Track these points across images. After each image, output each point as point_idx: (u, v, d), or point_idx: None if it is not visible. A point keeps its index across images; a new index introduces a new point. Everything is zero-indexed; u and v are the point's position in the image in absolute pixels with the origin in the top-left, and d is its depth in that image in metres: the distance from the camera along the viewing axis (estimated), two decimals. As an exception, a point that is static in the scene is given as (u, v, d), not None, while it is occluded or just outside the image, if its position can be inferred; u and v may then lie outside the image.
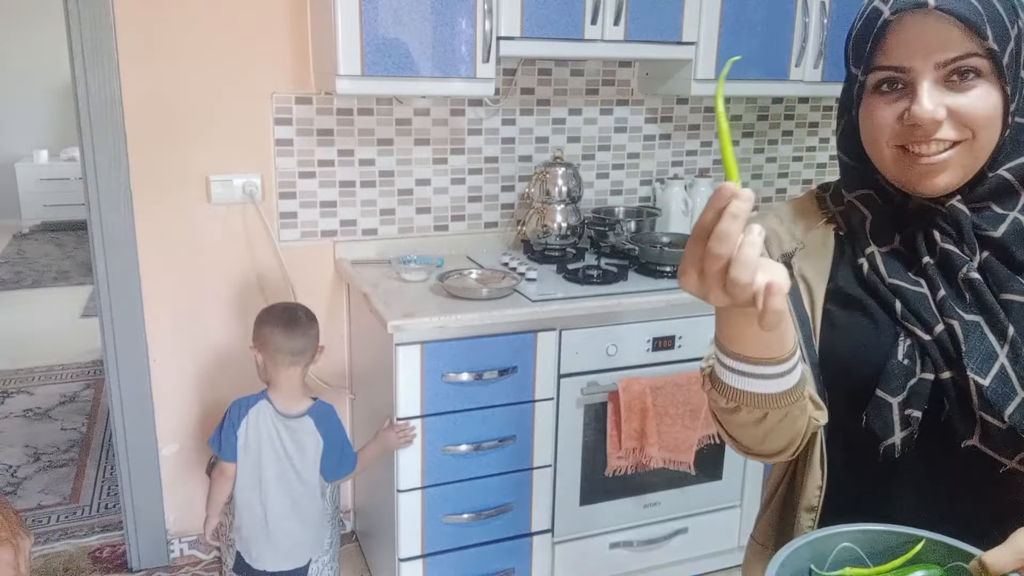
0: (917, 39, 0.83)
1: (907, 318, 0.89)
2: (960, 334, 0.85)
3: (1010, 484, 0.87)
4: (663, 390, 2.17)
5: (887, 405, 0.88)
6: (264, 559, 1.97)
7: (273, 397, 1.93)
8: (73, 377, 4.04)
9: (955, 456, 0.88)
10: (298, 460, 1.94)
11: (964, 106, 0.83)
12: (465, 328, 2.01)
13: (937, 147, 0.85)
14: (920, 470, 0.91)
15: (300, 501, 1.96)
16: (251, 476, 1.93)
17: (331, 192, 2.42)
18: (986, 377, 0.84)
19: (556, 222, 2.44)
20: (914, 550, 0.82)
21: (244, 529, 1.97)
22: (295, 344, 1.90)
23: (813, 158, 3.04)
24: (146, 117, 2.21)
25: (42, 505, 2.89)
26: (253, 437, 1.92)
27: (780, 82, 2.46)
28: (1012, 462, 0.86)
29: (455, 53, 2.08)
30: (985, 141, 0.85)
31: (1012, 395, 0.83)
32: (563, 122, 2.63)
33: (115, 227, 2.24)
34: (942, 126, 0.84)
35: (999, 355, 0.84)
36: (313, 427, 1.94)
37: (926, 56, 0.83)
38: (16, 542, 1.03)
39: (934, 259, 0.89)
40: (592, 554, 2.32)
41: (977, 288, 0.86)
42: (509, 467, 2.15)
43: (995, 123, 0.84)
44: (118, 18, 2.13)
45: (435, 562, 2.14)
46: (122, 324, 2.31)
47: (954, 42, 0.81)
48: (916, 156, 0.86)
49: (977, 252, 0.88)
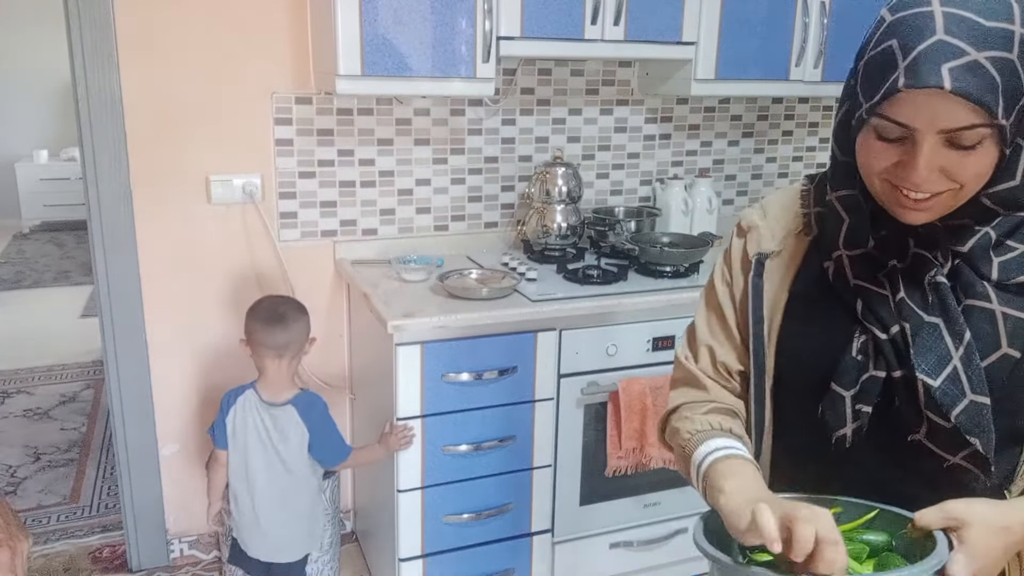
0: (927, 106, 0.81)
1: (866, 317, 0.93)
2: (911, 335, 0.89)
3: (955, 477, 0.91)
4: (663, 390, 2.16)
5: (840, 398, 0.93)
6: (256, 548, 2.02)
7: (260, 387, 2.00)
8: (73, 377, 4.04)
9: (904, 449, 0.93)
10: (283, 449, 1.98)
11: (959, 166, 0.83)
12: (465, 328, 2.01)
13: (923, 195, 0.86)
14: (871, 460, 0.96)
15: (288, 491, 2.00)
16: (239, 464, 1.99)
17: (331, 192, 2.42)
18: (937, 378, 0.87)
19: (556, 222, 2.44)
20: (868, 516, 0.88)
21: (237, 517, 2.02)
22: (276, 339, 1.95)
23: (813, 158, 3.04)
24: (146, 117, 2.21)
25: (42, 505, 2.89)
26: (240, 425, 1.98)
27: (780, 82, 2.46)
28: (956, 458, 0.89)
29: (455, 53, 2.08)
30: (973, 189, 0.86)
31: (961, 397, 0.87)
32: (563, 122, 2.63)
33: (115, 227, 2.24)
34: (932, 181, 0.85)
35: (953, 357, 0.87)
36: (297, 416, 1.98)
37: (930, 124, 0.82)
38: (13, 544, 1.02)
39: (904, 263, 0.92)
40: (592, 554, 2.32)
41: (942, 292, 0.89)
42: (509, 467, 2.15)
43: (986, 176, 0.85)
44: (118, 18, 2.13)
45: (435, 562, 2.14)
46: (122, 324, 2.31)
47: (963, 115, 0.81)
48: (903, 194, 0.87)
49: (949, 259, 0.91)
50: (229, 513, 2.07)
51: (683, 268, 2.33)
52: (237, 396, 2.00)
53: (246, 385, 2.02)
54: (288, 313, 1.99)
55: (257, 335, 1.96)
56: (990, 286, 0.89)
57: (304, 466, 2.01)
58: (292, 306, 2.03)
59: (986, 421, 0.86)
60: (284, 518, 2.01)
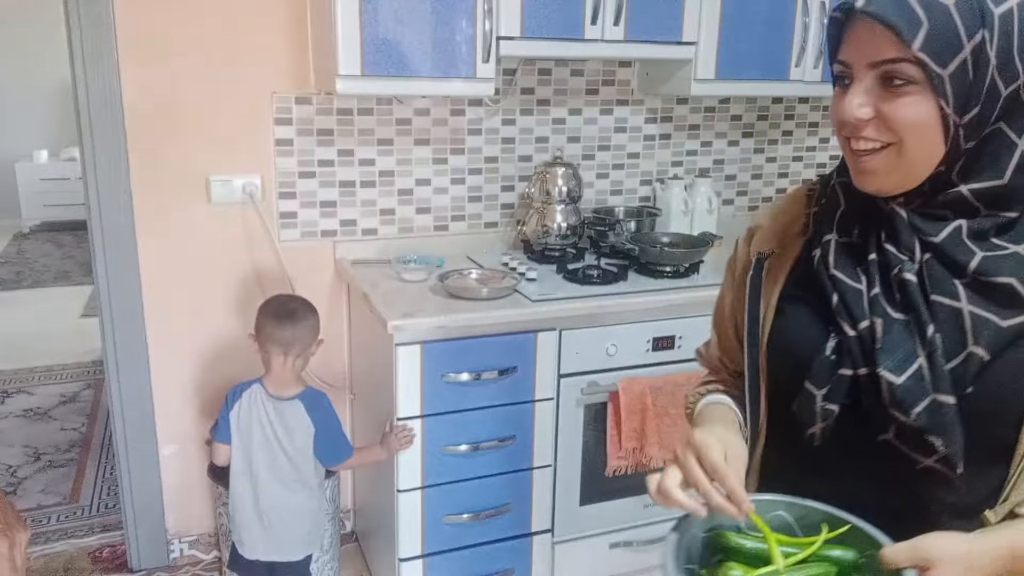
0: (856, 39, 0.86)
1: (839, 312, 0.91)
2: (880, 332, 0.88)
3: (929, 485, 0.89)
4: (663, 390, 2.17)
5: (812, 396, 0.92)
6: (256, 546, 2.02)
7: (266, 382, 2.01)
8: (73, 377, 4.04)
9: (874, 450, 0.91)
10: (287, 444, 1.99)
11: (891, 110, 0.84)
12: (465, 328, 2.01)
13: (866, 145, 0.87)
14: (840, 460, 0.95)
15: (291, 487, 2.01)
16: (243, 460, 2.00)
17: (331, 192, 2.42)
18: (901, 375, 0.86)
19: (556, 222, 2.44)
20: (840, 530, 0.86)
21: (237, 515, 2.02)
22: (284, 334, 1.97)
23: (813, 158, 3.04)
24: (146, 117, 2.21)
25: (42, 505, 2.89)
26: (244, 419, 1.99)
27: (780, 82, 2.46)
28: (927, 461, 0.87)
29: (455, 53, 2.08)
30: (915, 149, 0.85)
31: (923, 395, 0.85)
32: (563, 122, 2.63)
33: (115, 227, 2.24)
34: (868, 127, 0.86)
35: (919, 355, 0.86)
36: (303, 411, 1.99)
37: (860, 56, 0.85)
38: (12, 535, 1.02)
39: (880, 257, 0.91)
40: (592, 554, 2.32)
41: (908, 288, 0.88)
42: (509, 467, 2.15)
43: (927, 133, 0.84)
44: (118, 18, 2.13)
45: (435, 562, 2.14)
46: (122, 324, 2.31)
47: (885, 46, 0.83)
48: (852, 150, 0.89)
49: (917, 253, 0.89)
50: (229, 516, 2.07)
51: (683, 268, 2.33)
52: (243, 390, 2.02)
53: (253, 380, 2.03)
54: (298, 311, 2.02)
55: (266, 330, 1.99)
56: (961, 284, 0.86)
57: (308, 462, 2.01)
58: (302, 304, 2.06)
59: (949, 421, 0.84)
60: (286, 515, 2.01)
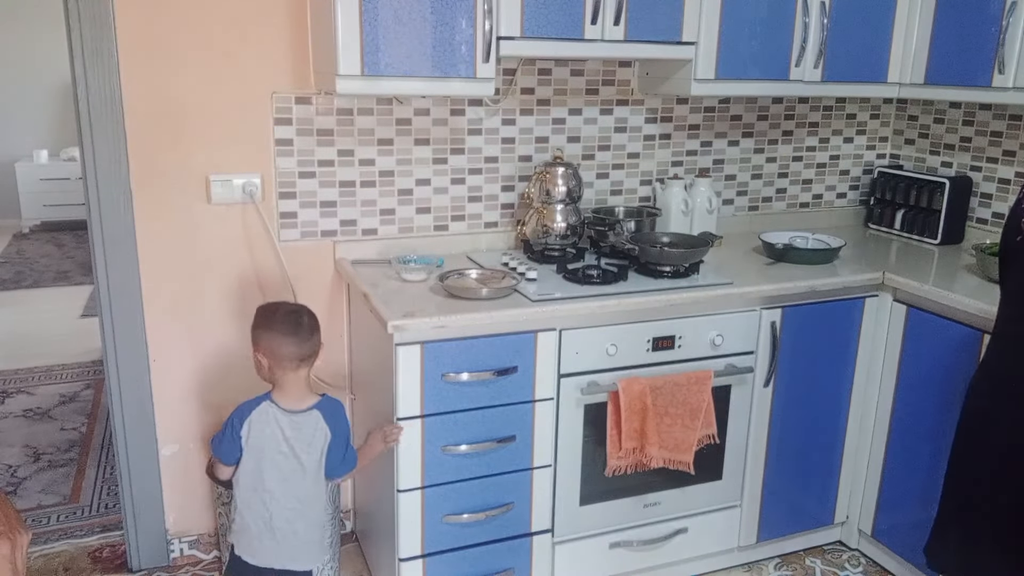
0: None
1: None
2: None
3: None
4: (663, 390, 2.17)
5: None
6: (266, 555, 1.95)
7: (278, 398, 1.92)
8: (73, 377, 4.04)
9: None
10: (305, 457, 1.91)
11: None
12: (465, 328, 2.01)
13: None
14: None
15: (306, 500, 1.93)
16: (254, 478, 1.92)
17: (331, 192, 2.42)
18: None
19: (556, 222, 2.44)
20: None
21: (248, 530, 1.94)
22: (303, 350, 1.90)
23: (813, 158, 3.04)
24: (146, 117, 2.21)
25: (42, 505, 2.89)
26: (256, 439, 1.90)
27: (780, 82, 2.46)
28: None
29: (455, 53, 2.08)
30: None
31: None
32: (563, 122, 2.63)
33: (115, 227, 2.24)
34: None
35: None
36: (322, 420, 1.91)
37: None
38: (13, 537, 1.03)
39: None
40: (592, 554, 2.32)
41: None
42: (509, 467, 2.15)
43: None
44: (118, 18, 2.13)
45: (435, 562, 2.14)
46: (122, 324, 2.31)
47: None
48: None
49: None
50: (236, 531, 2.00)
51: (683, 268, 2.33)
52: (252, 409, 1.91)
53: (260, 397, 1.93)
54: (306, 321, 1.93)
55: (281, 348, 1.88)
56: None
57: (321, 472, 1.94)
58: (306, 313, 1.97)
59: None
60: (301, 527, 1.94)
